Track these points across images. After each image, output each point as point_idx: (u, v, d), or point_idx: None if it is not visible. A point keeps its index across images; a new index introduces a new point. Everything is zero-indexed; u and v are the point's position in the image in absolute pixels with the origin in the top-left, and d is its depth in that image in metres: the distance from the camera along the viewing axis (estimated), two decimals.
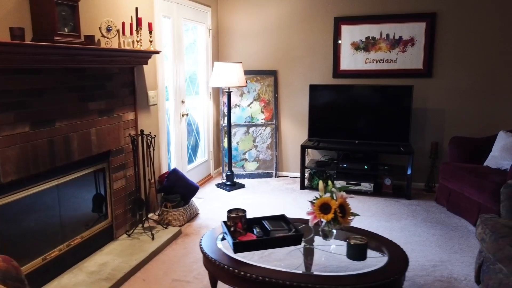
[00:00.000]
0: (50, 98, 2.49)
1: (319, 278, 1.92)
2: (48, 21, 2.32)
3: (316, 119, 4.72)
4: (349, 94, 4.59)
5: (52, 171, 2.58)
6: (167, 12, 3.92)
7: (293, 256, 2.22)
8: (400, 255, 2.18)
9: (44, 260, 2.59)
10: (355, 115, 4.59)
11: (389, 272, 2.01)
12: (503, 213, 2.66)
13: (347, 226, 2.29)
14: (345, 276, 1.98)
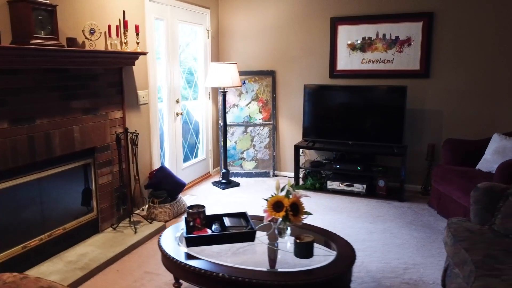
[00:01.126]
0: (29, 97, 2.66)
1: (258, 273, 1.97)
2: (24, 25, 2.49)
3: (310, 119, 4.73)
4: (342, 94, 4.57)
5: (32, 165, 2.75)
6: (159, 15, 4.06)
7: (246, 252, 2.28)
8: (348, 253, 2.19)
9: (24, 249, 2.77)
10: (349, 116, 4.57)
11: (332, 269, 2.04)
12: (471, 217, 2.60)
13: (299, 224, 2.32)
14: (288, 272, 2.01)
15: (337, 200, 4.35)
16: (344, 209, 4.08)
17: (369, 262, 3.00)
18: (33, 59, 2.55)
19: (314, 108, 4.69)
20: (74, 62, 2.88)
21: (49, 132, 2.83)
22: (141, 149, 3.85)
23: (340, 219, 3.82)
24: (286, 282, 1.90)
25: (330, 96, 4.63)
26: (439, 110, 4.44)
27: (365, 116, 4.49)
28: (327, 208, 4.10)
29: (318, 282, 1.93)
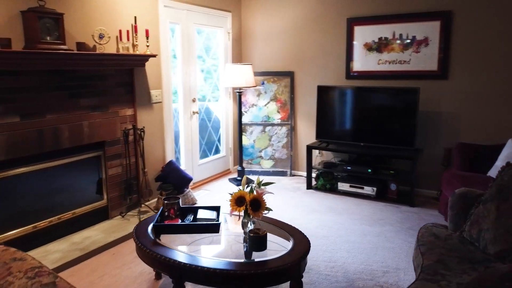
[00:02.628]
0: (37, 94, 3.02)
1: (205, 261, 2.11)
2: (32, 31, 2.84)
3: (323, 120, 4.74)
4: (355, 95, 4.53)
5: (41, 155, 3.11)
6: (175, 19, 4.32)
7: (212, 242, 2.42)
8: (301, 249, 2.24)
9: (35, 228, 3.14)
10: (361, 117, 4.52)
11: (278, 262, 2.11)
12: (448, 223, 2.53)
13: (258, 219, 2.42)
14: (231, 262, 2.12)
15: (344, 201, 4.33)
16: (347, 210, 4.06)
17: (350, 263, 3.00)
18: (39, 62, 2.90)
19: (327, 109, 4.70)
20: (80, 64, 3.20)
21: (58, 127, 3.18)
22: (154, 144, 4.14)
23: (338, 220, 3.82)
24: (228, 270, 2.01)
25: (343, 97, 4.61)
26: (457, 113, 4.25)
27: (377, 117, 4.42)
28: (329, 209, 4.10)
29: (260, 273, 2.02)
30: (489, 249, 2.09)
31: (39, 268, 1.94)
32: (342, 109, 4.62)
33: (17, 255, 2.08)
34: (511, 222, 2.02)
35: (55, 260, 2.97)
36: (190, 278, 2.12)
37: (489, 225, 2.13)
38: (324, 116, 4.73)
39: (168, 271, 2.18)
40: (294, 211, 4.07)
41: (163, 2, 4.09)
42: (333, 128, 4.70)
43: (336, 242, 3.36)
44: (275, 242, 2.40)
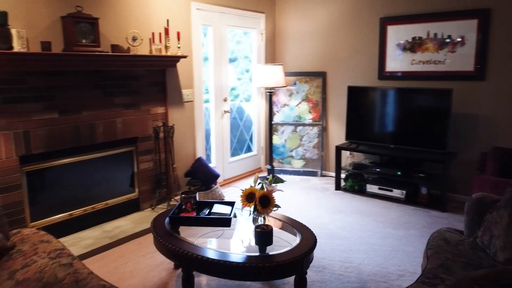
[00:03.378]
0: (75, 93, 3.28)
1: (212, 253, 2.22)
2: (70, 35, 3.10)
3: (353, 121, 4.70)
4: (386, 97, 4.45)
5: (78, 149, 3.38)
6: (207, 21, 4.48)
7: (224, 235, 2.53)
8: (307, 245, 2.28)
9: (70, 216, 3.42)
10: (392, 119, 4.43)
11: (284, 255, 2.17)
12: (464, 229, 2.46)
13: (267, 215, 2.49)
14: (239, 255, 2.22)
15: (371, 203, 4.28)
16: (373, 212, 4.01)
17: (366, 264, 2.99)
18: (76, 63, 3.15)
19: (357, 109, 4.66)
20: (114, 64, 3.44)
21: (93, 123, 3.43)
22: (184, 141, 4.33)
23: (362, 221, 3.79)
24: (231, 262, 2.11)
25: (373, 98, 4.55)
26: (494, 116, 4.05)
27: (408, 119, 4.32)
28: (355, 210, 4.08)
29: (261, 267, 2.10)
30: (498, 256, 2.02)
31: (61, 250, 2.14)
32: (372, 110, 4.56)
33: (45, 238, 2.30)
34: None
35: (86, 245, 3.21)
36: (196, 267, 2.23)
37: (500, 231, 2.06)
38: (354, 117, 4.69)
39: (177, 260, 2.31)
40: (319, 210, 4.09)
41: (195, 5, 4.26)
42: (363, 129, 4.65)
43: (356, 243, 3.35)
44: (283, 239, 2.46)
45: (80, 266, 2.02)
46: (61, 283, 1.85)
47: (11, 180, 2.98)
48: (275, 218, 2.73)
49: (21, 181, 3.05)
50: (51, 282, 1.86)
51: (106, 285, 1.85)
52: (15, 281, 1.86)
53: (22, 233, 2.40)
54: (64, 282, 1.86)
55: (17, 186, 3.02)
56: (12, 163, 2.97)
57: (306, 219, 3.84)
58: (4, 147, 2.91)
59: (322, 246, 3.29)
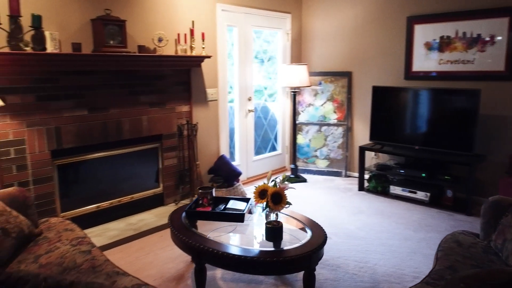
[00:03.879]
0: (103, 91, 3.46)
1: (222, 246, 2.29)
2: (99, 37, 3.27)
3: (378, 121, 4.65)
4: (412, 97, 4.38)
5: (105, 145, 3.56)
6: (232, 22, 4.58)
7: (236, 231, 2.61)
8: (315, 243, 2.32)
9: (98, 208, 3.61)
10: (417, 119, 4.36)
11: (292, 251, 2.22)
12: (480, 232, 2.41)
13: (278, 211, 2.53)
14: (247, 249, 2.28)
15: (394, 205, 4.22)
16: (395, 214, 3.97)
17: (381, 265, 2.97)
18: (104, 63, 3.33)
19: (382, 110, 4.60)
20: (140, 64, 3.59)
21: (120, 120, 3.60)
22: (208, 139, 4.44)
23: (383, 223, 3.76)
24: (239, 256, 2.18)
25: (398, 98, 4.49)
26: None
27: (434, 120, 4.23)
28: (376, 211, 4.04)
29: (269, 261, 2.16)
30: (510, 260, 1.97)
31: (82, 238, 2.28)
32: (397, 111, 4.49)
33: (69, 227, 2.46)
34: None
35: (111, 236, 3.38)
36: (207, 260, 2.32)
37: None
38: (379, 118, 4.64)
39: (190, 252, 2.41)
40: (340, 210, 4.08)
41: (221, 7, 4.36)
42: (387, 130, 4.59)
43: (373, 244, 3.33)
44: (294, 235, 2.50)
45: (98, 253, 2.16)
46: (79, 268, 1.99)
47: (44, 173, 3.18)
48: (289, 215, 2.77)
49: (53, 173, 3.26)
50: (70, 266, 2.00)
51: (120, 272, 1.97)
52: (38, 264, 2.02)
53: (50, 221, 2.58)
54: (82, 267, 2.00)
55: (49, 178, 3.22)
56: (44, 157, 3.18)
57: (326, 219, 3.85)
58: (37, 141, 3.12)
59: (339, 245, 3.30)
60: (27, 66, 2.97)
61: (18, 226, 2.18)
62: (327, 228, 3.62)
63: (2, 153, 2.96)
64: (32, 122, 3.08)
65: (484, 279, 1.19)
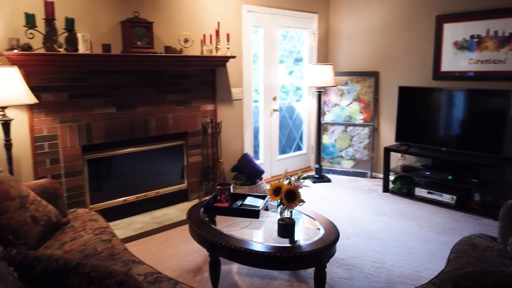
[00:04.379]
0: (131, 90, 3.62)
1: (235, 240, 2.37)
2: (127, 38, 3.44)
3: (404, 122, 4.58)
4: (440, 98, 4.29)
5: (132, 141, 3.72)
6: (258, 22, 4.65)
7: (250, 226, 2.68)
8: (326, 241, 2.34)
9: (125, 202, 3.78)
10: (445, 121, 4.26)
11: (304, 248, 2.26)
12: (498, 236, 2.36)
13: (291, 208, 2.57)
14: (259, 244, 2.34)
15: (419, 207, 4.15)
16: (418, 216, 3.90)
17: (398, 267, 2.95)
18: (132, 63, 3.48)
19: (408, 110, 4.53)
20: (166, 64, 3.73)
21: (146, 118, 3.76)
22: (233, 137, 4.54)
23: (405, 225, 3.71)
24: (250, 250, 2.24)
25: (425, 99, 4.40)
26: None
27: (462, 121, 4.12)
28: (399, 213, 3.99)
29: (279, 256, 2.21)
30: None
31: (105, 228, 2.43)
32: (424, 112, 4.41)
33: (93, 217, 2.62)
34: None
35: (136, 229, 3.54)
36: (220, 253, 2.40)
37: None
38: (405, 118, 4.57)
39: (205, 246, 2.50)
40: (361, 211, 4.06)
41: (247, 8, 4.44)
42: (414, 131, 4.52)
43: (392, 245, 3.31)
44: (307, 233, 2.54)
45: (117, 242, 2.29)
46: (99, 255, 2.12)
47: (75, 166, 3.38)
48: (304, 213, 2.81)
49: (83, 167, 3.45)
50: (91, 253, 2.14)
51: (136, 260, 2.08)
52: (63, 250, 2.17)
53: (77, 212, 2.75)
54: (102, 254, 2.13)
55: (79, 172, 3.42)
56: (75, 151, 3.38)
57: (346, 219, 3.85)
58: (69, 137, 3.32)
59: (357, 245, 3.30)
60: (61, 66, 3.17)
61: (47, 215, 2.35)
62: (347, 228, 3.63)
63: (37, 147, 3.17)
64: (65, 118, 3.28)
65: (475, 278, 1.20)
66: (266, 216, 2.82)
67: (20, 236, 2.12)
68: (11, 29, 2.95)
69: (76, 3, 3.25)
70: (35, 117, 3.14)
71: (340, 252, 3.17)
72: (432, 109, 4.35)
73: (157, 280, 1.87)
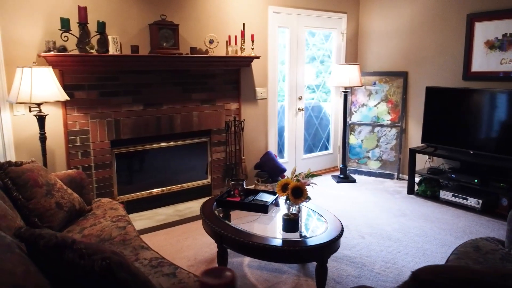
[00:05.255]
0: (158, 89, 3.83)
1: (242, 233, 2.48)
2: (154, 40, 3.64)
3: (431, 123, 4.49)
4: (467, 99, 4.17)
5: (158, 137, 3.93)
6: (284, 23, 4.73)
7: (259, 220, 2.78)
8: (328, 237, 2.40)
9: (150, 194, 4.00)
10: (473, 123, 4.14)
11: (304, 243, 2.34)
12: (505, 240, 2.31)
13: (297, 204, 2.64)
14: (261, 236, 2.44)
15: (442, 210, 4.07)
16: (439, 220, 3.83)
17: (410, 268, 2.94)
18: (158, 63, 3.69)
19: (435, 111, 4.44)
20: (191, 64, 3.91)
21: (172, 115, 3.96)
22: (256, 136, 4.66)
23: (424, 227, 3.66)
24: (253, 243, 2.35)
25: (452, 100, 4.29)
26: None
27: (491, 123, 3.99)
28: (420, 215, 3.94)
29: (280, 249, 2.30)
30: None
31: (122, 216, 2.62)
32: (451, 113, 4.30)
33: (114, 206, 2.83)
34: None
35: (159, 220, 3.74)
36: (226, 244, 2.52)
37: None
38: (432, 120, 4.48)
39: (213, 236, 2.63)
40: (381, 212, 4.04)
41: (272, 9, 4.54)
42: (440, 133, 4.42)
43: (407, 246, 3.29)
44: (311, 229, 2.61)
45: (131, 230, 2.47)
46: (112, 240, 2.31)
47: (104, 160, 3.64)
48: (313, 209, 2.87)
49: (112, 161, 3.70)
50: (106, 238, 2.33)
51: (144, 246, 2.25)
52: (82, 235, 2.38)
53: (101, 201, 2.97)
54: (115, 239, 2.32)
55: (108, 164, 3.67)
56: (105, 146, 3.63)
57: (365, 219, 3.85)
58: (99, 132, 3.58)
59: (371, 245, 3.31)
60: (92, 66, 3.42)
61: (71, 202, 2.58)
62: (363, 227, 3.64)
63: (70, 141, 3.45)
64: (95, 115, 3.54)
65: (437, 272, 1.23)
66: (276, 212, 2.90)
67: (45, 219, 2.35)
68: (49, 32, 3.23)
69: (107, 8, 3.49)
70: (68, 113, 3.42)
71: (352, 250, 3.20)
72: (460, 110, 4.24)
73: (160, 264, 2.02)
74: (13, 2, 3.09)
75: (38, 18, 3.19)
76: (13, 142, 3.21)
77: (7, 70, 3.11)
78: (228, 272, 0.85)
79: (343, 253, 3.16)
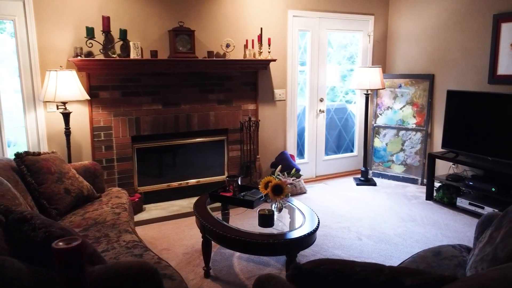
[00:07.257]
0: (176, 90, 4.15)
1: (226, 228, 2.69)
2: (172, 45, 3.96)
3: (452, 128, 4.35)
4: (490, 104, 4.00)
5: (176, 134, 4.26)
6: (305, 26, 4.83)
7: (244, 215, 2.97)
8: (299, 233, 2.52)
9: (168, 187, 4.34)
10: (494, 128, 3.96)
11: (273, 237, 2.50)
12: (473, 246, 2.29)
13: (276, 202, 2.79)
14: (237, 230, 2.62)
15: (456, 218, 3.95)
16: (448, 227, 3.74)
17: None
18: (176, 66, 4.01)
19: (457, 116, 4.29)
20: (207, 67, 4.18)
21: (189, 114, 4.26)
22: (274, 136, 4.82)
23: (429, 233, 3.60)
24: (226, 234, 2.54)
25: (474, 105, 4.13)
26: None
27: (511, 129, 3.80)
28: (430, 222, 3.86)
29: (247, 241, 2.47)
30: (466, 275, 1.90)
31: (122, 204, 2.96)
32: (473, 118, 4.14)
33: (119, 194, 3.17)
34: (489, 251, 1.80)
35: (173, 211, 4.06)
36: (209, 235, 2.74)
37: (477, 251, 1.93)
38: (453, 124, 4.34)
39: (199, 227, 2.87)
40: (390, 216, 4.02)
41: (292, 13, 4.67)
42: (461, 138, 4.27)
43: (402, 251, 3.28)
44: (286, 224, 2.74)
45: (124, 216, 2.78)
46: (104, 223, 2.63)
47: (125, 153, 4.03)
48: (296, 207, 2.99)
49: (132, 155, 4.08)
50: (100, 221, 2.66)
51: (129, 230, 2.55)
52: (82, 217, 2.73)
53: (111, 190, 3.34)
54: (107, 223, 2.64)
55: (129, 158, 4.06)
56: (126, 141, 4.02)
57: (370, 222, 3.87)
58: (121, 128, 3.97)
59: (365, 247, 3.35)
60: (115, 69, 3.82)
61: (79, 189, 2.95)
62: (364, 230, 3.67)
63: (95, 136, 3.87)
64: (118, 112, 3.94)
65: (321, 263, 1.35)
66: (264, 207, 3.06)
67: (53, 202, 2.73)
68: (77, 40, 3.67)
69: (129, 16, 3.87)
70: (94, 111, 3.84)
71: (344, 251, 3.27)
72: (481, 115, 4.07)
73: (134, 246, 2.30)
74: (47, 14, 3.56)
75: (68, 27, 3.64)
76: (46, 135, 3.70)
77: (42, 72, 3.59)
78: (76, 241, 1.07)
79: (334, 252, 3.24)
